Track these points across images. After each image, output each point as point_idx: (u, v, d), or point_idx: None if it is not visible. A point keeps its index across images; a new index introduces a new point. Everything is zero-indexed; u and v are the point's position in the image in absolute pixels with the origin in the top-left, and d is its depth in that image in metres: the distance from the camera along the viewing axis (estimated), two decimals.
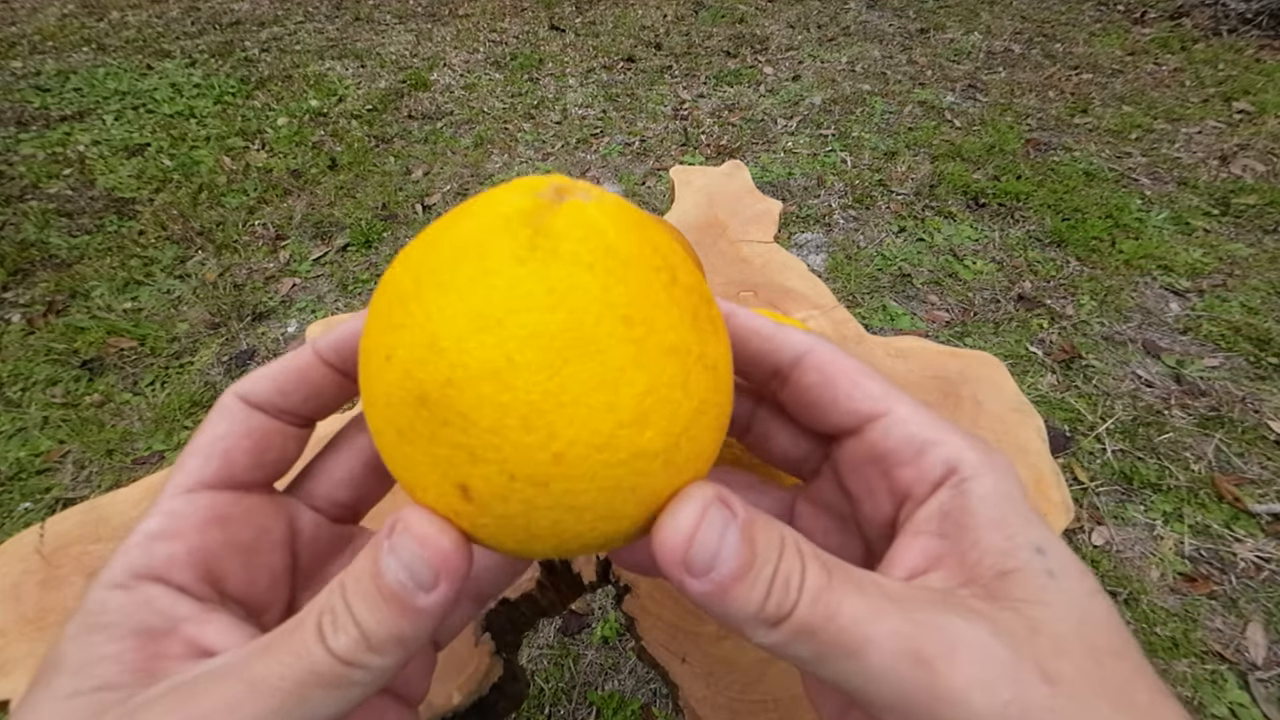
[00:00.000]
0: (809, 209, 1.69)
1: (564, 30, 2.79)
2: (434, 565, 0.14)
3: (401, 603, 0.14)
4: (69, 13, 2.85)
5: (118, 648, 0.16)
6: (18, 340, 1.33)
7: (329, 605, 0.15)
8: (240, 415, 0.19)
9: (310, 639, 0.14)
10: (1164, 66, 2.28)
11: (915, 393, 0.49)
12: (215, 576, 0.18)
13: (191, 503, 0.18)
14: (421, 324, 0.13)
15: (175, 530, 0.17)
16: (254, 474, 0.19)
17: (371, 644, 0.14)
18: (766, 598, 0.14)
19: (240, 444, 0.18)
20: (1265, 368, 1.21)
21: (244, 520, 0.18)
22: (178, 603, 0.17)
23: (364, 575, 0.15)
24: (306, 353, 0.19)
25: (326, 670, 0.14)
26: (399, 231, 1.65)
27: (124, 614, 0.16)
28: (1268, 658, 0.84)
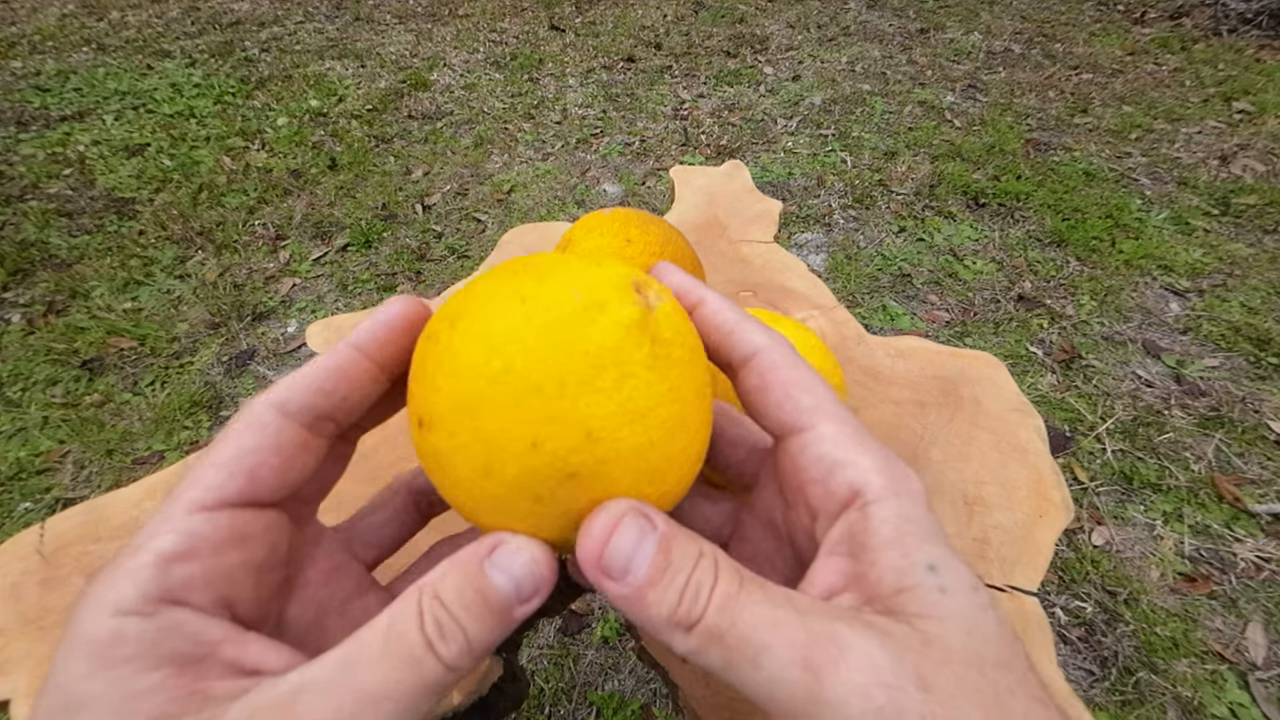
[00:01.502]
0: (809, 209, 1.69)
1: (564, 30, 2.79)
2: (538, 577, 0.16)
3: (505, 613, 0.16)
4: (69, 13, 2.85)
5: (155, 679, 0.15)
6: (18, 340, 1.33)
7: (433, 614, 0.15)
8: (273, 429, 0.18)
9: (418, 650, 0.15)
10: (1164, 66, 2.28)
11: (915, 393, 0.49)
12: (231, 598, 0.17)
13: (211, 522, 0.17)
14: (576, 420, 0.16)
15: (193, 551, 0.16)
16: (276, 492, 0.18)
17: (473, 651, 0.15)
18: (679, 603, 0.15)
19: (269, 460, 0.18)
20: (1265, 368, 1.21)
21: (261, 539, 0.18)
22: (208, 626, 0.16)
23: (467, 588, 0.16)
24: (345, 350, 0.19)
25: (436, 679, 0.15)
26: (399, 231, 1.65)
27: (149, 643, 0.15)
28: (1268, 658, 0.84)
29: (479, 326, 0.17)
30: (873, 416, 0.48)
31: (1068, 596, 0.92)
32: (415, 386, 0.18)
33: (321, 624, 0.20)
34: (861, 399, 0.49)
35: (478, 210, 1.73)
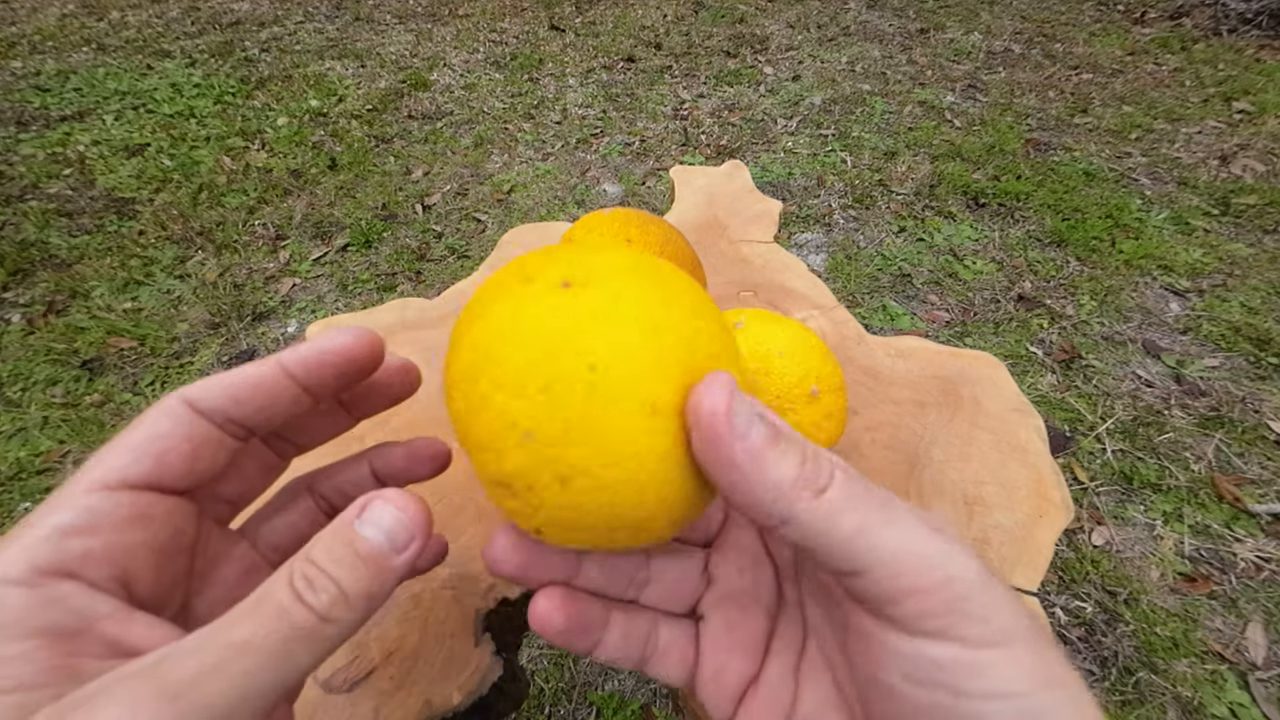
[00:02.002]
0: (809, 209, 1.69)
1: (564, 30, 2.79)
2: (411, 527, 0.17)
3: (378, 562, 0.17)
4: (69, 13, 2.85)
5: (25, 646, 0.15)
6: (18, 340, 1.33)
7: (301, 572, 0.16)
8: (184, 420, 0.18)
9: (288, 601, 0.16)
10: (1164, 66, 2.28)
11: (915, 393, 0.49)
12: (129, 576, 0.17)
13: (111, 499, 0.17)
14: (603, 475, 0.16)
15: (92, 526, 0.17)
16: (183, 480, 0.19)
17: (349, 601, 0.16)
18: (803, 464, 0.16)
19: (178, 448, 0.18)
20: (1265, 368, 1.21)
21: (164, 521, 0.18)
22: (95, 600, 0.16)
23: (335, 543, 0.17)
24: (270, 366, 0.19)
25: (307, 626, 0.16)
26: (399, 231, 1.65)
27: (25, 612, 0.15)
28: (1268, 658, 0.84)
29: None
30: (873, 417, 0.48)
31: (1068, 596, 0.92)
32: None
33: None
34: (861, 399, 0.49)
35: (478, 210, 1.73)
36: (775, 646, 0.22)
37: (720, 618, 0.22)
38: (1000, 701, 0.15)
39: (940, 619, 0.16)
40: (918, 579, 0.16)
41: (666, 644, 0.22)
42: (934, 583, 0.16)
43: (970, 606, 0.16)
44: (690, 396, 0.17)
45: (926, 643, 0.16)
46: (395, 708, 0.33)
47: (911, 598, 0.16)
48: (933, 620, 0.16)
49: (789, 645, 0.21)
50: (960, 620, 0.16)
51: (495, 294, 0.18)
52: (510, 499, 0.17)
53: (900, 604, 0.16)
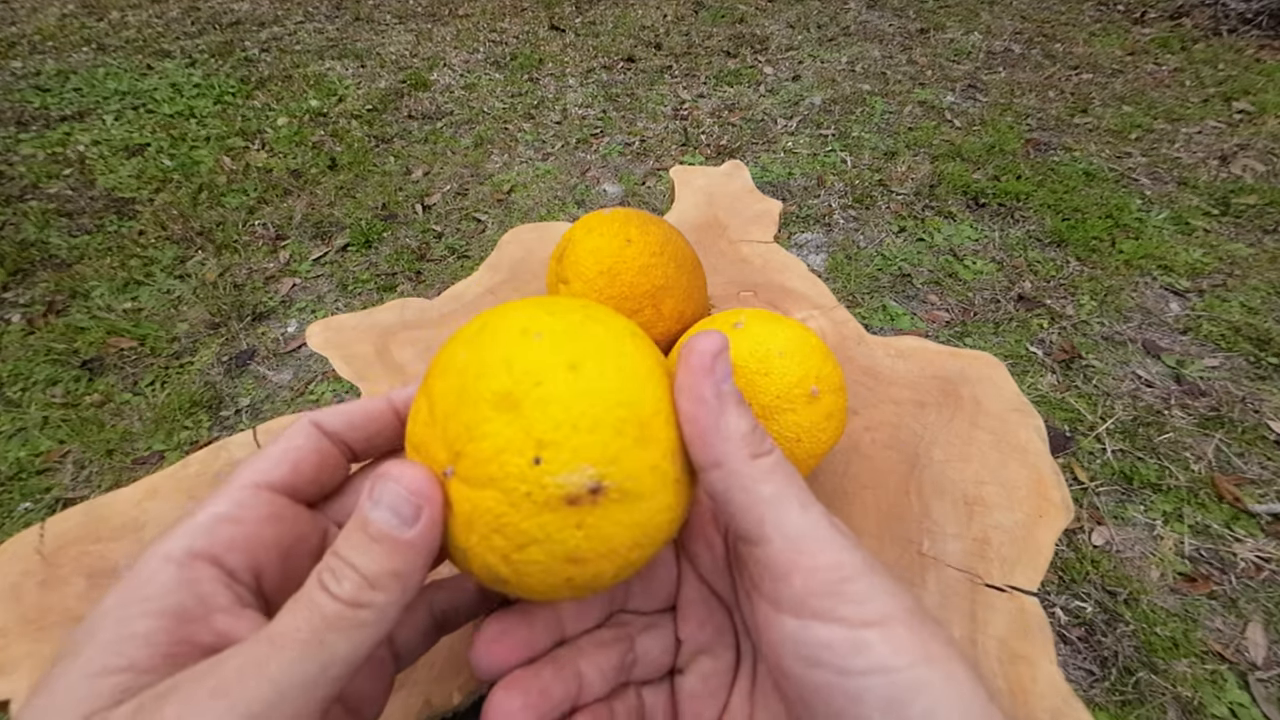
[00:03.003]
0: (809, 209, 1.69)
1: (564, 30, 2.79)
2: (414, 499, 0.17)
3: (391, 540, 0.17)
4: (69, 13, 2.85)
5: (151, 625, 0.16)
6: (18, 340, 1.33)
7: (326, 564, 0.17)
8: (314, 435, 0.21)
9: (316, 593, 0.16)
10: (1164, 66, 2.28)
11: (915, 393, 0.49)
12: (260, 569, 0.19)
13: (257, 496, 0.19)
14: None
15: (240, 517, 0.19)
16: (310, 488, 0.21)
17: (372, 582, 0.17)
18: (754, 429, 0.19)
19: (309, 458, 0.21)
20: (1265, 368, 1.21)
21: (293, 524, 0.20)
22: (219, 590, 0.18)
23: (352, 529, 0.17)
24: (381, 401, 0.22)
25: (335, 614, 0.16)
26: (399, 231, 1.65)
27: (166, 590, 0.17)
28: (1268, 658, 0.84)
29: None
30: (873, 416, 0.48)
31: (1068, 596, 0.92)
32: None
33: None
34: (861, 399, 0.49)
35: (478, 210, 1.72)
36: (738, 684, 0.23)
37: (696, 671, 0.23)
38: (878, 676, 0.16)
39: (823, 599, 0.17)
40: (807, 558, 0.17)
41: (651, 708, 0.23)
42: (821, 564, 0.17)
43: (851, 589, 0.17)
44: (688, 338, 0.19)
45: (814, 624, 0.17)
46: (395, 708, 0.33)
47: (799, 574, 0.17)
48: (817, 600, 0.17)
49: (745, 672, 0.23)
50: (841, 602, 0.17)
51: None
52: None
53: (789, 581, 0.18)
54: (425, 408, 0.19)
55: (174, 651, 0.16)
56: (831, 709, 0.17)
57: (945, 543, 0.40)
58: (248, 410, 1.22)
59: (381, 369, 0.53)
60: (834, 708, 0.17)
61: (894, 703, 0.16)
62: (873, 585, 0.17)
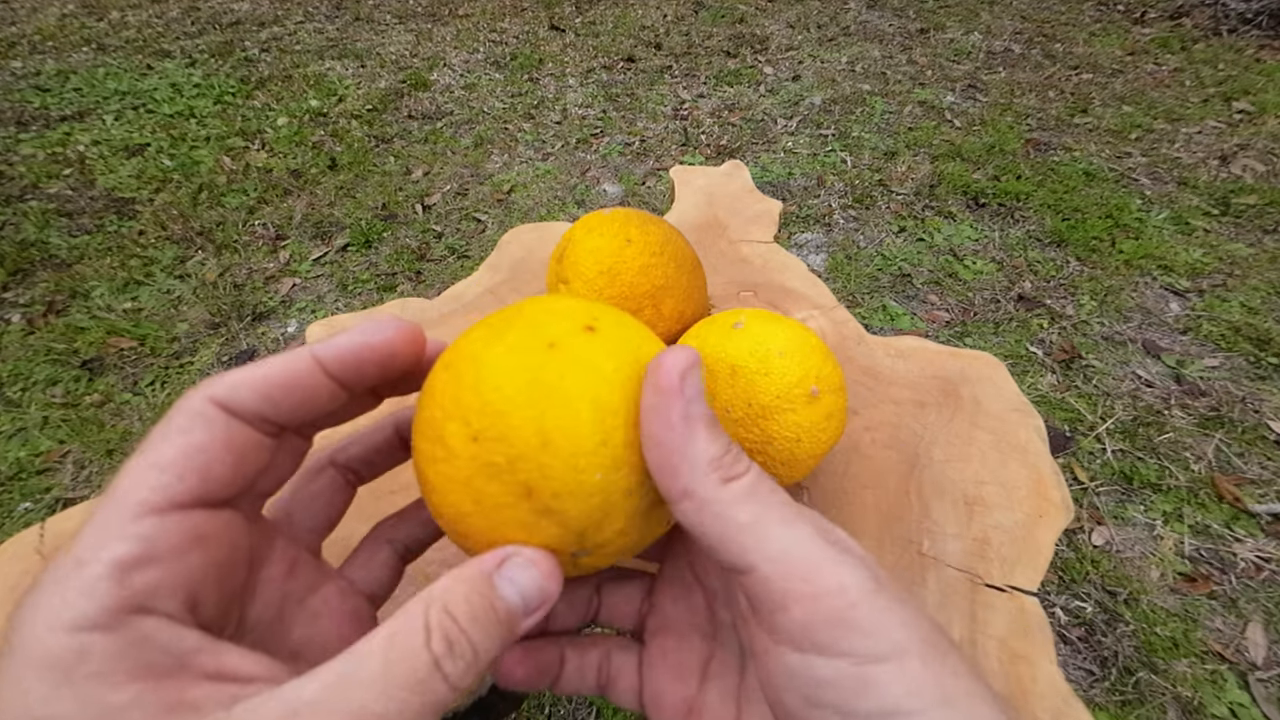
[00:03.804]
0: (809, 209, 1.69)
1: (564, 30, 2.79)
2: (545, 591, 0.16)
3: (511, 626, 0.16)
4: (69, 13, 2.85)
5: (131, 692, 0.13)
6: (18, 340, 1.33)
7: (440, 627, 0.15)
8: (220, 425, 0.16)
9: (424, 669, 0.14)
10: (1164, 66, 2.28)
11: (915, 393, 0.49)
12: (195, 602, 0.16)
13: (165, 524, 0.15)
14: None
15: (152, 555, 0.15)
16: (228, 489, 0.17)
17: (479, 667, 0.15)
18: (725, 453, 0.17)
19: (221, 458, 0.16)
20: (1265, 368, 1.21)
21: (220, 538, 0.17)
22: (182, 635, 0.15)
23: (478, 598, 0.15)
24: (304, 358, 0.18)
25: (440, 698, 0.14)
26: (399, 231, 1.65)
27: (118, 657, 0.14)
28: (1268, 658, 0.84)
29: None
30: (873, 416, 0.48)
31: (1068, 596, 0.92)
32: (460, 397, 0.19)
33: (282, 621, 0.19)
34: (861, 399, 0.49)
35: (478, 210, 1.72)
36: (714, 670, 0.22)
37: (656, 645, 0.23)
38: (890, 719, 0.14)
39: (826, 631, 0.15)
40: (804, 584, 0.16)
41: (618, 670, 0.23)
42: (820, 589, 0.15)
43: (857, 616, 0.15)
44: (657, 356, 0.18)
45: (815, 659, 0.15)
46: None
47: (799, 604, 0.15)
48: (819, 632, 0.15)
49: (728, 669, 0.21)
50: (846, 634, 0.15)
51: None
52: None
53: (787, 611, 0.16)
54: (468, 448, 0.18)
55: (176, 701, 0.14)
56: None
57: (945, 543, 0.40)
58: None
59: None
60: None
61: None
62: (882, 611, 0.15)
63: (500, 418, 0.18)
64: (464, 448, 0.18)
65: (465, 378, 0.19)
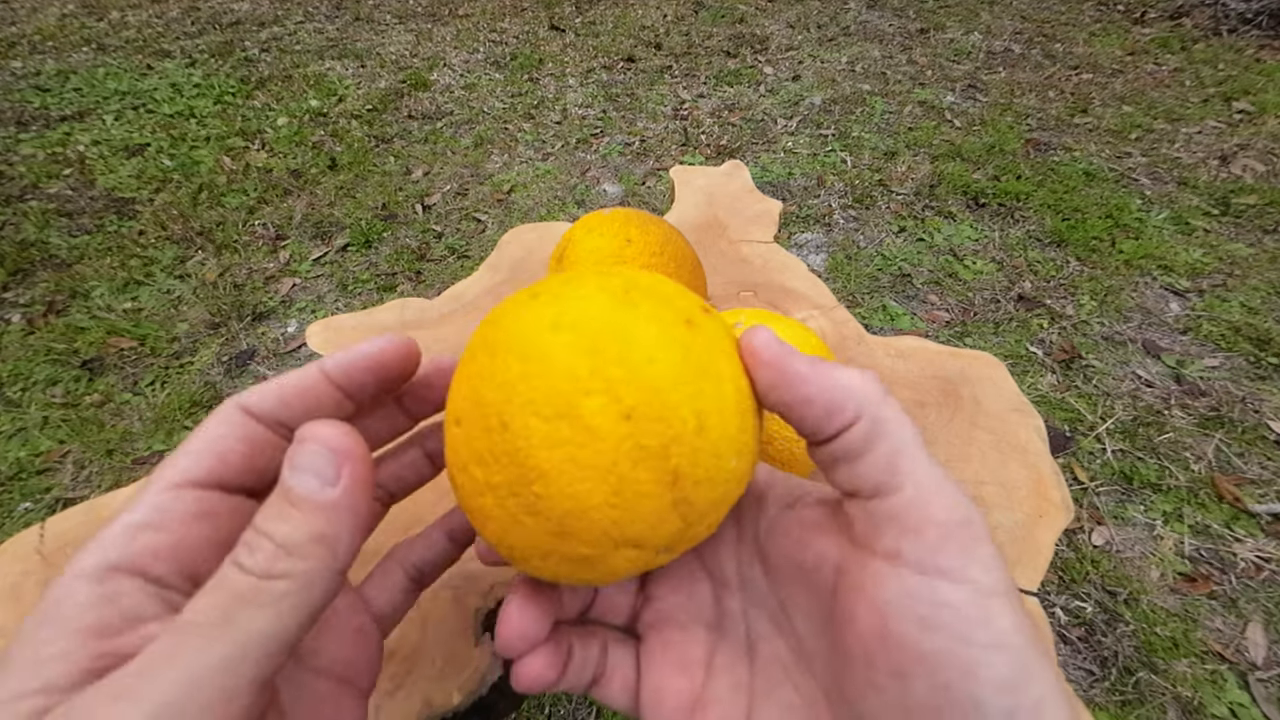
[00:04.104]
0: (809, 209, 1.69)
1: (564, 30, 2.79)
2: (335, 456, 0.16)
3: (311, 502, 0.16)
4: (69, 13, 2.85)
5: (65, 645, 0.15)
6: (18, 340, 1.33)
7: (241, 540, 0.16)
8: (239, 421, 0.19)
9: (227, 570, 0.16)
10: (1164, 66, 2.28)
11: (915, 393, 0.49)
12: (194, 571, 0.18)
13: (179, 498, 0.18)
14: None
15: (160, 523, 0.17)
16: (243, 478, 0.19)
17: (290, 549, 0.16)
18: (863, 372, 0.18)
19: (236, 448, 0.19)
20: (1265, 368, 1.21)
21: (228, 518, 0.19)
22: (145, 601, 0.16)
23: (271, 500, 0.16)
24: (313, 371, 0.20)
25: (248, 588, 0.15)
26: (399, 231, 1.65)
27: (82, 608, 0.16)
28: (1268, 658, 0.84)
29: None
30: None
31: (1068, 596, 0.92)
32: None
33: None
34: None
35: (478, 210, 1.72)
36: (719, 662, 0.21)
37: (656, 637, 0.22)
38: (1000, 653, 0.15)
39: (955, 558, 0.16)
40: (942, 512, 0.16)
41: (614, 665, 0.22)
42: (956, 520, 0.16)
43: (980, 551, 0.16)
44: (741, 341, 0.19)
45: (941, 583, 0.16)
46: (395, 708, 0.33)
47: (932, 528, 0.16)
48: (948, 557, 0.16)
49: (735, 660, 0.21)
50: (971, 563, 0.16)
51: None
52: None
53: (922, 534, 0.16)
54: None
55: (96, 666, 0.15)
56: (937, 680, 0.15)
57: None
58: None
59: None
60: (941, 679, 0.15)
61: (1010, 685, 0.15)
62: (994, 552, 0.16)
63: (657, 395, 0.16)
64: (613, 427, 0.16)
65: (604, 347, 0.16)
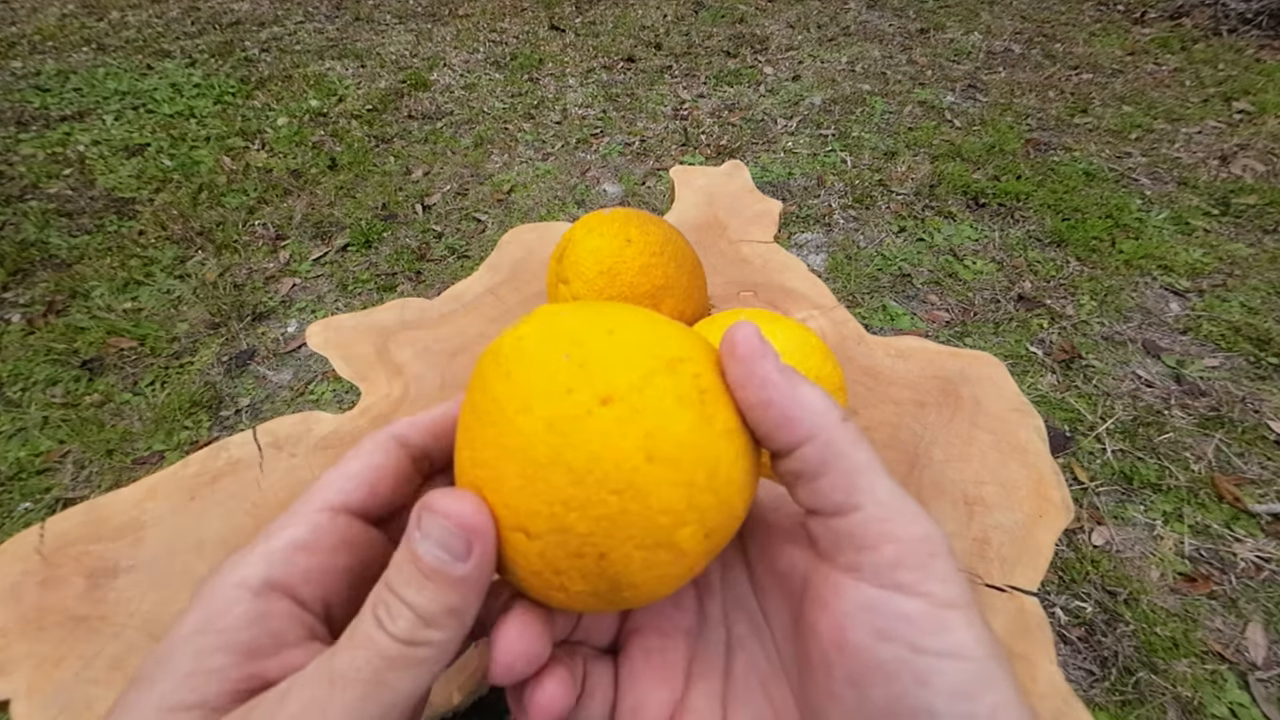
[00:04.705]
0: (809, 209, 1.69)
1: (564, 30, 2.79)
2: (463, 533, 0.16)
3: (443, 576, 0.16)
4: (69, 13, 2.85)
5: (225, 661, 0.16)
6: (18, 340, 1.33)
7: (380, 599, 0.16)
8: (393, 453, 0.20)
9: (373, 631, 0.16)
10: (1164, 66, 2.28)
11: (915, 393, 0.49)
12: (331, 599, 0.18)
13: (334, 522, 0.19)
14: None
15: (316, 545, 0.18)
16: (383, 509, 0.20)
17: (428, 620, 0.16)
18: (827, 396, 0.18)
19: (386, 479, 0.20)
20: (1265, 368, 1.21)
21: (364, 549, 0.19)
22: (291, 625, 0.17)
23: (404, 564, 0.16)
24: (458, 405, 0.21)
25: (395, 653, 0.16)
26: (399, 231, 1.65)
27: (241, 623, 0.16)
28: (1268, 658, 0.84)
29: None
30: (873, 416, 0.48)
31: (1068, 596, 0.92)
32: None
33: None
34: (861, 399, 0.49)
35: (478, 210, 1.73)
36: (697, 670, 0.21)
37: (638, 645, 0.21)
38: (953, 661, 0.16)
39: (912, 572, 0.16)
40: (901, 529, 0.17)
41: (593, 685, 0.21)
42: (912, 535, 0.17)
43: (937, 566, 0.17)
44: (724, 334, 0.19)
45: (897, 595, 0.16)
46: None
47: (891, 545, 0.17)
48: (905, 572, 0.16)
49: (712, 668, 0.21)
50: (928, 577, 0.16)
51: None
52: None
53: (879, 550, 0.17)
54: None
55: (242, 687, 0.16)
56: (892, 691, 0.16)
57: None
58: (248, 410, 1.22)
59: (381, 369, 0.53)
60: (895, 690, 0.16)
61: (962, 693, 0.15)
62: (953, 567, 0.17)
63: (732, 511, 0.18)
64: (697, 545, 0.18)
65: (696, 479, 0.18)
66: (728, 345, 0.19)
